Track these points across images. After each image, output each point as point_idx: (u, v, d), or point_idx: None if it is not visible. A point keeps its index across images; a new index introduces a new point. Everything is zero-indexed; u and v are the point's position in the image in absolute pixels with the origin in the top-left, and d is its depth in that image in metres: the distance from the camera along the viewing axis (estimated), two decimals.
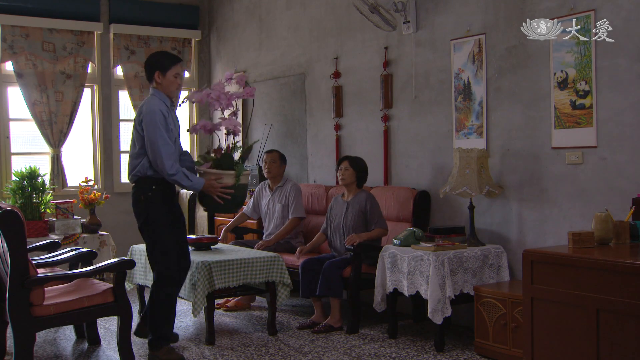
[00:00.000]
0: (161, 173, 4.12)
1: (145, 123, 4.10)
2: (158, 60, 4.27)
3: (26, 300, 3.76)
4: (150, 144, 4.08)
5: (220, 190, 4.27)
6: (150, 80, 4.28)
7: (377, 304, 4.75)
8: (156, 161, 4.09)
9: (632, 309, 3.03)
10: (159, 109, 4.13)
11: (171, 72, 4.24)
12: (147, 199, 4.21)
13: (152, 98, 4.21)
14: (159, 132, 4.08)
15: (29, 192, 5.97)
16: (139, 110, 4.20)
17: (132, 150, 4.23)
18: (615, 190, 4.08)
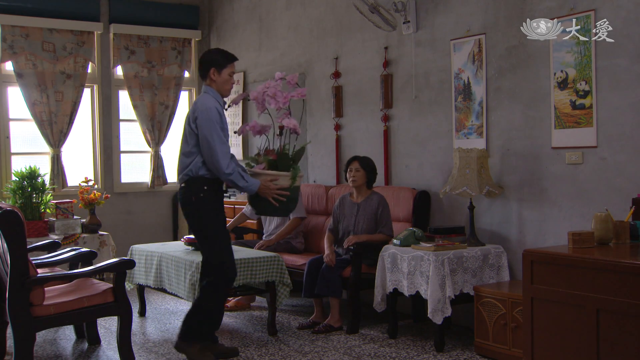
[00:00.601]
0: (216, 172, 4.02)
1: (201, 120, 4.00)
2: (215, 57, 4.18)
3: (26, 300, 3.76)
4: (206, 142, 3.99)
5: (276, 192, 4.14)
6: (204, 77, 4.19)
7: (377, 304, 4.75)
8: (212, 160, 3.99)
9: (632, 309, 3.03)
10: (214, 107, 4.04)
11: (227, 70, 4.16)
12: (198, 199, 4.07)
13: (206, 96, 4.12)
14: (215, 130, 3.99)
15: (29, 192, 5.97)
16: (193, 108, 4.11)
17: (184, 149, 4.12)
18: (615, 190, 4.08)
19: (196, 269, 4.64)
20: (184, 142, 4.14)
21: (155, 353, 4.53)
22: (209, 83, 4.17)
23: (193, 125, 4.06)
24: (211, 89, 4.16)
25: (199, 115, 4.02)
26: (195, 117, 4.04)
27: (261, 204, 4.21)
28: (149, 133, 7.61)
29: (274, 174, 4.18)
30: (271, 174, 4.18)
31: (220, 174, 4.01)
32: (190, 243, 5.23)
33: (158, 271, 5.15)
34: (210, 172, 4.06)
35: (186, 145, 4.10)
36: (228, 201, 6.98)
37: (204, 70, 4.18)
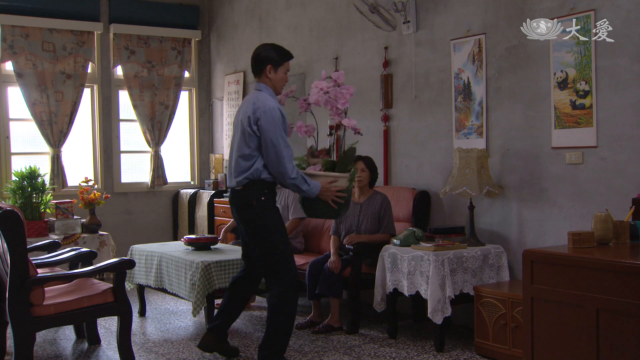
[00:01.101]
0: (279, 177, 3.84)
1: (264, 122, 3.79)
2: (272, 54, 4.00)
3: (26, 300, 3.76)
4: (272, 145, 3.79)
5: (336, 194, 3.94)
6: (259, 74, 4.00)
7: (377, 304, 4.75)
8: (278, 164, 3.79)
9: (632, 309, 3.03)
10: (277, 107, 3.86)
11: (283, 68, 4.02)
12: (260, 204, 3.88)
13: (264, 95, 3.92)
14: (281, 133, 3.80)
15: (29, 192, 5.98)
16: (252, 108, 3.85)
17: (242, 151, 3.88)
18: (615, 190, 4.08)
19: (196, 269, 4.64)
20: (242, 144, 3.88)
21: (155, 353, 4.53)
22: (263, 80, 3.99)
23: (255, 127, 3.83)
24: (266, 86, 3.98)
25: (262, 116, 3.80)
26: (257, 118, 3.82)
27: (316, 206, 3.99)
28: (149, 133, 7.61)
29: (334, 176, 4.00)
30: (331, 176, 4.00)
31: (285, 178, 3.82)
32: (190, 243, 5.23)
33: (158, 271, 5.15)
34: (271, 175, 3.88)
35: (245, 148, 3.86)
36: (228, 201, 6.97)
37: (260, 67, 3.99)
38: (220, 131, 8.01)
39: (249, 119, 3.85)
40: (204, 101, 8.19)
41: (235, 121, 4.05)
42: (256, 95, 3.93)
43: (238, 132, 3.95)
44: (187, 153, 8.22)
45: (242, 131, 3.89)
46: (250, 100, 3.94)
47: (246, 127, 3.86)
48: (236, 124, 4.02)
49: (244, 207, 3.94)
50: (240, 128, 3.91)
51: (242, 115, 3.93)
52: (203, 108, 8.19)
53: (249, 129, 3.84)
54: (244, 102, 4.02)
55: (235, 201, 4.01)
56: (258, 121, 3.81)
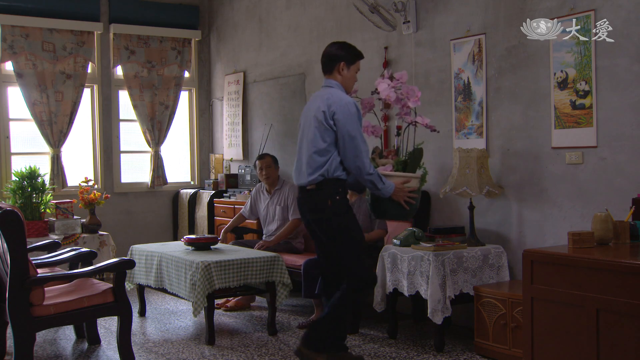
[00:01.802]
0: (356, 172, 3.76)
1: (342, 116, 3.72)
2: (345, 52, 3.95)
3: (26, 300, 3.76)
4: (350, 140, 3.72)
5: (408, 194, 3.90)
6: (330, 71, 3.95)
7: (377, 304, 4.75)
8: (355, 159, 3.73)
9: (632, 309, 3.03)
10: (353, 102, 3.78)
11: (355, 66, 3.96)
12: (335, 203, 3.79)
13: (337, 91, 3.86)
14: (358, 128, 3.73)
15: (29, 192, 5.98)
16: (326, 103, 3.79)
17: (317, 146, 3.79)
18: (615, 190, 4.08)
19: (196, 269, 4.64)
20: (318, 139, 3.79)
21: (155, 353, 4.53)
22: (334, 77, 3.93)
23: (331, 121, 3.75)
24: (337, 83, 3.92)
25: (338, 110, 3.74)
26: (333, 113, 3.75)
27: (387, 207, 3.94)
28: (149, 133, 7.61)
29: (407, 176, 3.95)
30: (404, 176, 3.94)
31: (362, 174, 3.74)
32: (190, 243, 5.23)
33: (158, 271, 5.15)
34: (345, 172, 3.82)
35: (321, 142, 3.78)
36: (228, 201, 6.99)
37: (331, 64, 3.94)
38: (220, 131, 8.01)
39: (324, 113, 3.78)
40: (204, 101, 8.19)
41: (305, 119, 3.96)
42: (329, 91, 3.87)
43: (311, 128, 3.86)
44: (187, 153, 8.22)
45: (316, 126, 3.81)
46: (322, 96, 3.88)
47: (322, 122, 3.79)
48: (306, 122, 3.92)
49: (318, 207, 3.83)
50: (315, 123, 3.82)
51: (314, 111, 3.85)
52: (203, 108, 8.19)
53: (324, 124, 3.78)
54: (314, 99, 3.94)
55: (306, 201, 3.89)
56: (334, 115, 3.75)
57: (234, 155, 7.64)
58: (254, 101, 7.35)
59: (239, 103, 7.55)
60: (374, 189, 3.83)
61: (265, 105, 7.17)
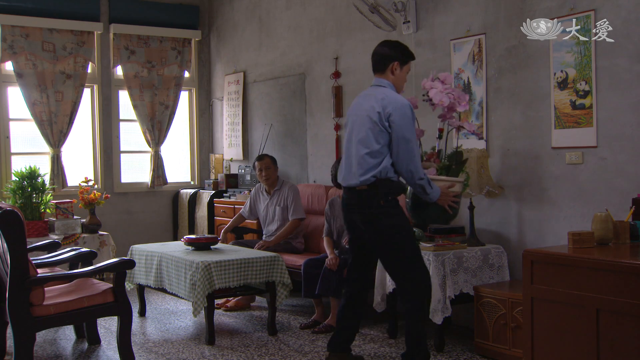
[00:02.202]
0: (407, 176, 3.69)
1: (398, 119, 3.63)
2: (398, 52, 3.85)
3: (26, 300, 3.76)
4: (404, 142, 3.64)
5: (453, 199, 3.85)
6: (382, 70, 3.84)
7: (377, 304, 4.75)
8: (409, 162, 3.65)
9: (632, 309, 3.03)
10: (408, 104, 3.69)
11: (407, 67, 3.88)
12: (387, 203, 3.70)
13: (391, 91, 3.76)
14: (413, 130, 3.65)
15: (29, 192, 5.98)
16: (381, 103, 3.68)
17: (370, 147, 3.69)
18: (615, 190, 4.08)
19: (196, 269, 4.64)
20: (371, 140, 3.69)
21: (155, 353, 4.53)
22: (387, 76, 3.83)
23: (386, 123, 3.66)
24: (389, 83, 3.82)
25: (395, 112, 3.64)
26: (389, 114, 3.65)
27: (429, 211, 3.90)
28: (149, 133, 7.61)
29: (452, 180, 3.92)
30: (450, 180, 3.91)
31: (413, 178, 3.67)
32: (190, 243, 5.23)
33: (158, 271, 5.15)
34: (396, 174, 3.73)
35: (375, 144, 3.68)
36: (228, 201, 6.99)
37: (384, 63, 3.83)
38: (220, 131, 8.01)
39: (379, 114, 3.68)
40: (204, 101, 8.19)
41: (355, 118, 3.84)
42: (383, 91, 3.77)
43: (363, 128, 3.75)
44: (187, 153, 8.22)
45: (370, 127, 3.71)
46: (376, 95, 3.76)
47: (377, 123, 3.69)
48: (357, 120, 3.81)
49: (370, 207, 3.72)
50: (369, 124, 3.71)
51: (368, 111, 3.74)
52: (203, 108, 8.19)
53: (379, 125, 3.68)
54: (366, 97, 3.83)
55: (356, 202, 3.78)
56: (390, 117, 3.66)
57: (234, 155, 7.64)
58: (254, 101, 7.35)
59: (239, 103, 7.55)
60: (422, 193, 3.75)
61: (265, 105, 7.17)
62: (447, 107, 4.03)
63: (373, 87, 3.88)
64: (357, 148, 3.76)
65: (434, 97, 4.03)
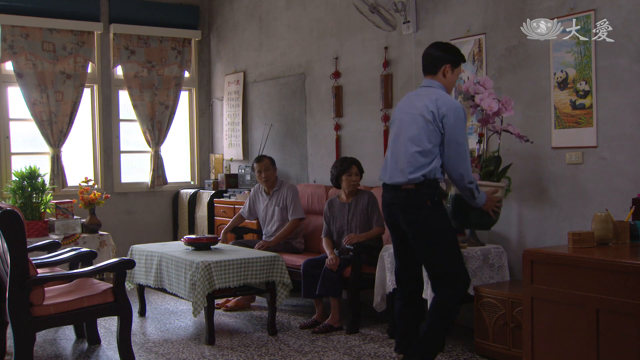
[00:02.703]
0: (458, 178, 3.67)
1: (453, 121, 3.61)
2: (450, 54, 3.82)
3: (26, 300, 3.76)
4: (457, 145, 3.62)
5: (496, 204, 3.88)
6: (434, 71, 3.81)
7: (377, 304, 4.75)
8: (460, 165, 3.64)
9: (632, 309, 3.03)
10: (462, 106, 3.69)
11: (458, 70, 3.85)
12: (434, 203, 3.67)
13: (445, 93, 3.74)
14: (465, 134, 3.66)
15: (29, 192, 5.98)
16: (435, 103, 3.64)
17: (423, 146, 3.64)
18: (615, 190, 4.08)
19: (196, 269, 4.64)
20: (424, 139, 3.64)
21: (155, 353, 4.53)
22: (438, 78, 3.80)
23: (440, 123, 3.63)
24: (440, 84, 3.79)
25: (449, 114, 3.61)
26: (444, 115, 3.62)
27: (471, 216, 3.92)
28: (149, 133, 7.61)
29: (496, 186, 3.91)
30: (494, 186, 3.90)
31: (463, 181, 3.66)
32: (190, 243, 5.23)
33: (158, 271, 5.15)
34: (443, 176, 3.72)
35: (427, 143, 3.64)
36: (228, 201, 6.99)
37: (436, 65, 3.80)
38: (220, 131, 8.01)
39: (432, 114, 3.64)
40: (204, 101, 8.19)
41: (405, 115, 3.79)
42: (435, 92, 3.73)
43: (414, 126, 3.70)
44: (187, 153, 8.22)
45: (422, 126, 3.66)
46: (428, 95, 3.72)
47: (430, 122, 3.65)
48: (407, 118, 3.76)
49: (416, 208, 3.68)
50: (421, 122, 3.67)
51: (421, 110, 3.69)
52: (203, 108, 8.19)
53: (432, 125, 3.64)
54: (419, 97, 3.78)
55: (401, 201, 3.72)
56: (444, 118, 3.62)
57: (234, 155, 7.64)
58: (254, 101, 7.35)
59: (239, 103, 7.55)
60: (470, 197, 3.75)
61: (265, 105, 7.17)
62: (495, 112, 3.99)
63: (424, 88, 3.84)
64: (406, 146, 3.71)
65: (483, 102, 4.01)
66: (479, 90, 4.06)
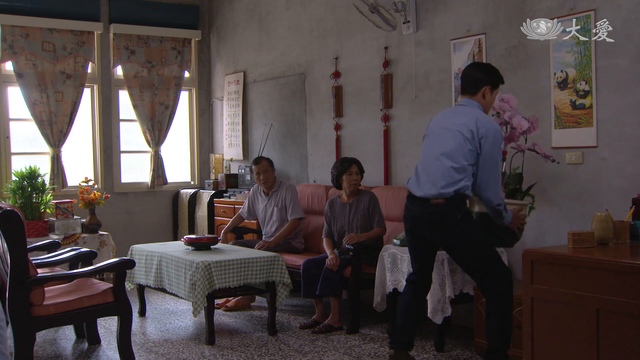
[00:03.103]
0: (486, 199, 3.71)
1: (491, 142, 3.65)
2: (491, 76, 3.85)
3: (26, 300, 3.76)
4: (492, 168, 3.67)
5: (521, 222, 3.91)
6: (473, 92, 3.83)
7: (377, 304, 4.75)
8: (492, 187, 3.68)
9: (632, 309, 3.03)
10: (500, 130, 3.72)
11: (497, 91, 3.89)
12: (464, 216, 3.74)
13: (483, 113, 3.77)
14: (501, 157, 3.71)
15: (29, 192, 5.98)
16: (475, 123, 3.67)
17: (455, 163, 3.68)
18: (615, 190, 4.08)
19: (196, 269, 4.64)
20: (460, 155, 3.68)
21: (155, 353, 4.53)
22: (478, 99, 3.83)
23: (477, 143, 3.67)
24: (478, 104, 3.81)
25: (488, 135, 3.65)
26: (482, 137, 3.66)
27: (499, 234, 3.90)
28: (149, 133, 7.61)
29: (520, 204, 3.95)
30: (519, 204, 3.94)
31: (492, 202, 3.70)
32: (190, 243, 5.23)
33: (158, 271, 5.15)
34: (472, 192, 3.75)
35: (463, 160, 3.67)
36: (228, 201, 6.99)
37: (476, 86, 3.82)
38: (220, 131, 8.01)
39: (472, 132, 3.68)
40: (204, 101, 8.19)
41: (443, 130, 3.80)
42: (475, 111, 3.76)
43: (451, 141, 3.73)
44: (187, 153, 8.22)
45: (460, 142, 3.69)
46: (467, 113, 3.76)
47: (469, 140, 3.68)
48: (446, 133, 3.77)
49: (447, 221, 3.73)
50: (459, 139, 3.70)
51: (459, 127, 3.72)
52: (203, 108, 8.19)
53: (470, 143, 3.68)
54: (457, 113, 3.81)
55: (430, 216, 3.76)
56: (482, 139, 3.67)
57: (234, 155, 7.64)
58: (254, 101, 7.35)
59: (239, 103, 7.55)
60: (498, 218, 3.78)
61: (265, 105, 7.17)
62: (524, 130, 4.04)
63: (461, 106, 3.87)
64: (441, 160, 3.73)
65: (513, 120, 4.04)
66: (504, 108, 4.09)
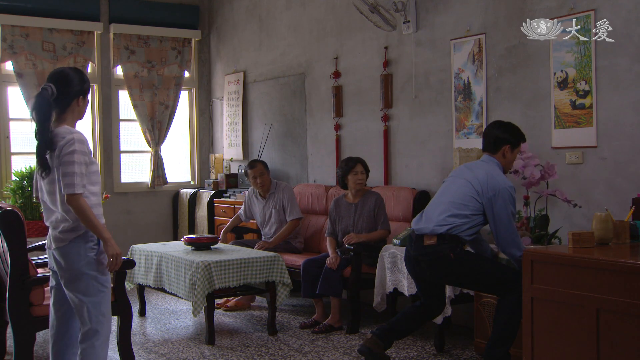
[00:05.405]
0: (512, 255, 3.77)
1: (500, 201, 3.72)
2: (511, 136, 3.89)
3: (26, 300, 3.76)
4: (507, 224, 3.74)
5: None
6: (494, 151, 3.88)
7: (377, 303, 4.75)
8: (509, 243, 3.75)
9: (632, 309, 3.03)
10: (510, 188, 3.76)
11: (517, 150, 3.94)
12: (457, 254, 3.79)
13: (499, 172, 3.84)
14: (511, 211, 3.75)
15: (29, 192, 5.98)
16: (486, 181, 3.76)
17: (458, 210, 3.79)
18: (615, 190, 4.08)
19: (196, 269, 4.64)
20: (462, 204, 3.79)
21: (155, 353, 4.53)
22: (498, 158, 3.89)
23: (482, 198, 3.75)
24: (498, 163, 3.88)
25: (497, 195, 3.73)
26: (489, 198, 3.74)
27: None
28: (149, 133, 7.61)
29: None
30: None
31: (517, 255, 3.74)
32: (190, 243, 5.23)
33: (158, 271, 5.15)
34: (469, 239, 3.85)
35: (466, 210, 3.78)
36: (228, 201, 6.99)
37: (497, 145, 3.88)
38: (220, 131, 8.00)
39: (481, 187, 3.78)
40: (204, 101, 8.19)
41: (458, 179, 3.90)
42: (491, 168, 3.85)
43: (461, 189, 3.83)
44: (187, 153, 8.22)
45: (466, 192, 3.80)
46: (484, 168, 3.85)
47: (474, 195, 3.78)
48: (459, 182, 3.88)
49: (437, 259, 3.81)
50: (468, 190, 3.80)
51: (471, 180, 3.82)
52: (203, 108, 8.19)
53: (477, 199, 3.78)
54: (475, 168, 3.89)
55: (424, 257, 3.86)
56: (490, 200, 3.75)
57: (234, 155, 7.64)
58: (254, 101, 7.36)
59: (239, 103, 7.55)
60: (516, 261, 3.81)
61: (265, 105, 7.17)
62: (539, 179, 4.13)
63: (482, 162, 3.93)
64: (447, 206, 3.83)
65: (525, 171, 4.14)
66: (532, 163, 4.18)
